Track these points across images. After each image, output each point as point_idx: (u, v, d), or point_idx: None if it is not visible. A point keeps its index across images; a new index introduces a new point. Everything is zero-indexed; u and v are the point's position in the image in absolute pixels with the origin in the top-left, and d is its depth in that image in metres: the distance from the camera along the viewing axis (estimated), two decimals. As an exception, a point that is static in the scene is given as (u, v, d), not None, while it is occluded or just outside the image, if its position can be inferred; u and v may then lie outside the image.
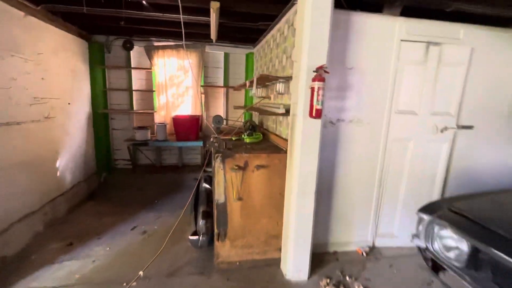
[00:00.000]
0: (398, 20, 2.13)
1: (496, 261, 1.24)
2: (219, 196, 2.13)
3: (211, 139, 2.52)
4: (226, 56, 4.28)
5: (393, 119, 2.30)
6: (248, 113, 4.22)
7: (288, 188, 2.10)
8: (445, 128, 2.34)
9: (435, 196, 2.49)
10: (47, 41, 2.77)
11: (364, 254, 2.41)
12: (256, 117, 3.68)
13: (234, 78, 4.39)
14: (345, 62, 2.14)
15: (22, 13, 2.35)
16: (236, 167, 2.08)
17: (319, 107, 1.72)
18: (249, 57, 4.21)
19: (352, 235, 2.48)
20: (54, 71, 2.89)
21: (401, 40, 2.17)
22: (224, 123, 4.11)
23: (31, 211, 2.52)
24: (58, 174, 2.98)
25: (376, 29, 2.12)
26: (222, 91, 4.42)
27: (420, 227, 1.67)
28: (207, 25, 2.90)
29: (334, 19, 1.80)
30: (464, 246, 1.44)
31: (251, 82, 2.52)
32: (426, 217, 1.62)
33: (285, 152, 2.16)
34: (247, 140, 2.54)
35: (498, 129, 2.49)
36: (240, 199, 2.16)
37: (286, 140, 2.23)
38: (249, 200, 2.18)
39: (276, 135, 2.59)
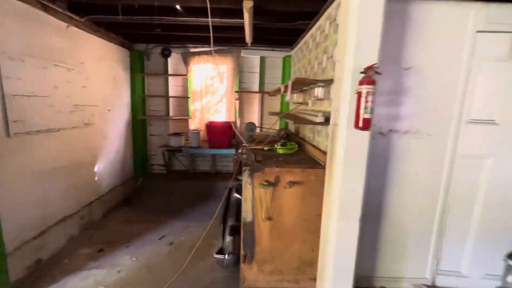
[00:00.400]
0: (473, 5, 1.69)
1: None
2: (246, 214, 1.91)
3: (240, 149, 2.32)
4: (262, 60, 4.10)
5: (464, 130, 1.83)
6: (283, 120, 3.97)
7: (326, 210, 1.79)
8: None
9: (522, 230, 1.92)
10: (90, 51, 2.89)
11: (422, 294, 1.96)
12: (292, 125, 3.40)
13: (270, 83, 4.18)
14: (400, 61, 1.76)
15: (65, 24, 2.46)
16: (266, 183, 1.84)
17: (367, 116, 1.39)
18: (286, 61, 3.96)
19: (404, 270, 2.04)
20: (95, 79, 3.00)
21: (477, 31, 1.72)
22: (259, 130, 3.92)
23: (68, 215, 2.59)
24: (95, 178, 3.07)
25: (443, 18, 1.71)
26: (257, 96, 4.25)
27: (510, 278, 1.23)
28: (242, 28, 2.75)
29: (386, 9, 1.46)
30: None
31: (286, 87, 2.27)
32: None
33: (323, 167, 1.85)
34: (280, 151, 2.29)
35: None
36: (269, 218, 1.91)
37: (324, 153, 1.93)
38: (280, 220, 1.91)
39: (314, 146, 2.28)
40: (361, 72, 1.41)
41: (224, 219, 2.69)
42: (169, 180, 4.16)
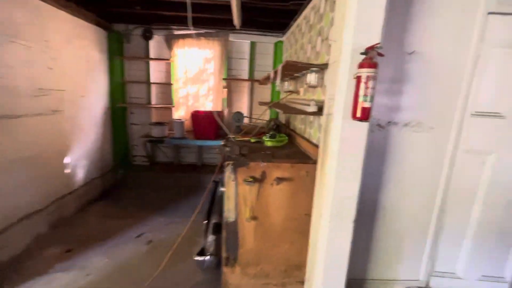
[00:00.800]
0: (487, -18, 1.50)
1: None
2: (229, 213, 1.72)
3: (225, 141, 2.11)
4: (253, 45, 3.84)
5: (468, 123, 1.67)
6: (274, 110, 3.75)
7: (317, 210, 1.62)
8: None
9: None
10: (57, 28, 2.57)
11: (417, 297, 1.84)
12: (283, 116, 3.20)
13: (260, 70, 3.93)
14: (403, 44, 1.57)
15: (24, -5, 2.14)
16: (251, 179, 1.65)
17: (367, 104, 1.20)
18: (278, 47, 3.72)
19: (398, 272, 1.91)
20: (64, 61, 2.69)
21: (489, 13, 1.53)
22: (247, 120, 3.70)
23: (34, 210, 2.34)
24: (67, 170, 2.81)
25: (452, -3, 1.52)
26: (247, 85, 4.00)
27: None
28: (230, 8, 2.48)
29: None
30: None
31: (276, 73, 2.05)
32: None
33: (315, 162, 1.67)
34: (269, 143, 2.09)
35: None
36: (254, 218, 1.72)
37: (316, 146, 1.74)
38: (266, 220, 1.74)
39: (305, 138, 2.09)
40: (361, 53, 1.21)
41: (208, 215, 2.50)
42: (152, 173, 3.92)
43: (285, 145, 2.16)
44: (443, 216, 1.81)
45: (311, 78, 1.80)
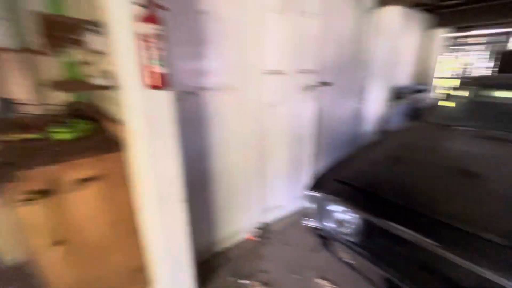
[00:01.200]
0: None
1: (390, 230, 1.11)
2: (12, 251, 1.14)
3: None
4: None
5: (264, 81, 1.93)
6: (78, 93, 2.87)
7: (142, 202, 1.39)
8: (310, 86, 2.23)
9: (311, 157, 2.47)
10: None
11: (257, 238, 2.14)
12: (92, 97, 2.48)
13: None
14: (194, 2, 1.47)
15: None
16: (34, 194, 1.13)
17: (160, 69, 1.02)
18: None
19: (240, 222, 2.13)
20: None
21: (260, -22, 1.71)
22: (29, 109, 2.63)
23: None
24: None
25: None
26: (16, 57, 2.75)
27: (311, 207, 1.44)
28: None
29: None
30: (356, 219, 1.29)
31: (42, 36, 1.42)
32: (315, 194, 1.38)
33: (126, 147, 1.37)
34: (60, 136, 1.52)
35: (349, 84, 2.68)
36: (59, 243, 1.25)
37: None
38: (81, 237, 1.31)
39: (112, 120, 1.69)
40: (137, 4, 0.97)
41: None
42: None
43: (89, 135, 1.66)
44: (264, 163, 2.12)
45: (94, 41, 1.38)
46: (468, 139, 1.70)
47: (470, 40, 6.47)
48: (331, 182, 1.38)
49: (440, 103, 2.25)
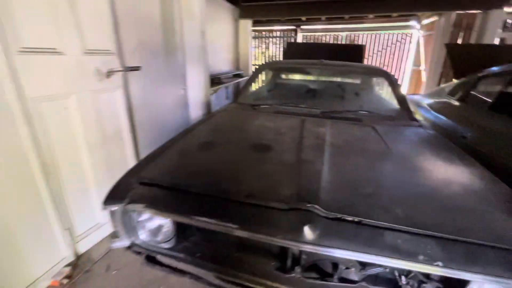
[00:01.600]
0: None
1: (197, 225, 1.03)
2: None
3: None
4: None
5: (21, 63, 1.32)
6: None
7: None
8: (111, 72, 1.81)
9: (133, 158, 2.09)
10: None
11: (66, 280, 1.59)
12: None
13: None
14: None
15: None
16: None
17: None
18: None
19: (34, 270, 1.49)
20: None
21: None
22: None
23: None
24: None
25: None
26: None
27: (116, 223, 1.15)
28: None
29: None
30: (169, 223, 1.14)
31: None
32: (116, 207, 1.10)
33: None
34: None
35: (167, 69, 2.45)
36: None
37: None
38: None
39: None
40: None
41: None
42: None
43: None
44: (52, 178, 1.53)
45: None
46: (268, 116, 1.95)
47: (273, 33, 8.03)
48: (135, 187, 1.13)
49: (247, 85, 2.51)
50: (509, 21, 4.38)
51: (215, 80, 3.51)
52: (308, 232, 0.87)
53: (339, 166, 1.21)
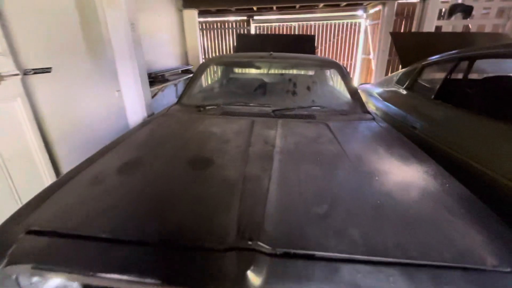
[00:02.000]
0: None
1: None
2: None
3: None
4: None
5: None
6: None
7: None
8: (2, 77, 1.40)
9: (48, 180, 1.70)
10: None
11: None
12: None
13: None
14: None
15: None
16: None
17: None
18: None
19: None
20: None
21: None
22: None
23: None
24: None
25: None
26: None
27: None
28: None
29: None
30: (76, 285, 0.86)
31: None
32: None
33: None
34: None
35: (92, 69, 2.05)
36: None
37: None
38: None
39: None
40: None
41: None
42: None
43: None
44: None
45: None
46: (213, 119, 1.72)
47: (226, 25, 7.64)
48: (20, 238, 0.83)
49: (191, 84, 2.23)
50: (443, 9, 4.68)
51: (158, 78, 3.13)
52: (252, 277, 0.69)
53: (288, 180, 1.04)
